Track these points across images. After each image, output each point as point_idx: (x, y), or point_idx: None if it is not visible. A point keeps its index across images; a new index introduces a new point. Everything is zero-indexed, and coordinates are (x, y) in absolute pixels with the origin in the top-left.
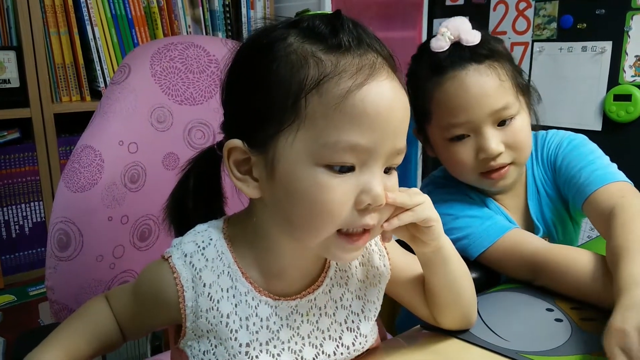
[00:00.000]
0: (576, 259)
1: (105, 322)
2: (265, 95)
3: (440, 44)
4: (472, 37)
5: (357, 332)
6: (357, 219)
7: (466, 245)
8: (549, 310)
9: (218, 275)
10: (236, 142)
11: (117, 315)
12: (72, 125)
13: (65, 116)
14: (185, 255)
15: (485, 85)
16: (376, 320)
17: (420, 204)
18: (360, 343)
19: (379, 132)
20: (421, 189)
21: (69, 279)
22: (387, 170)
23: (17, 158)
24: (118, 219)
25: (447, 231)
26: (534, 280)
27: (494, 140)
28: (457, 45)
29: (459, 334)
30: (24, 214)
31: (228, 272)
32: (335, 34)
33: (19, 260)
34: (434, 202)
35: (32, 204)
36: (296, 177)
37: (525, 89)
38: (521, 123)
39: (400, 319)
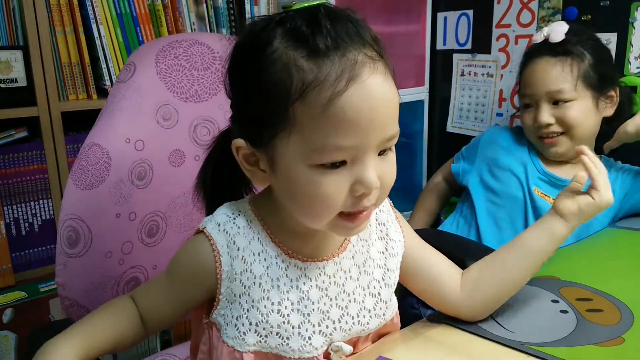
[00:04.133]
0: None
1: (127, 318)
2: (257, 102)
3: (536, 37)
4: (556, 35)
5: (378, 298)
6: (354, 203)
7: None
8: (554, 301)
9: (249, 241)
10: (240, 142)
11: (145, 307)
12: (79, 123)
13: (72, 114)
14: (219, 225)
15: (548, 72)
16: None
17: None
18: (381, 308)
19: (363, 132)
20: None
21: (78, 275)
22: (382, 152)
23: (25, 156)
24: (126, 216)
25: None
26: None
27: (545, 113)
28: (546, 41)
29: (465, 325)
30: (33, 211)
31: (258, 238)
32: (314, 37)
33: (29, 257)
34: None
35: (41, 201)
36: (293, 175)
37: (594, 85)
38: (576, 107)
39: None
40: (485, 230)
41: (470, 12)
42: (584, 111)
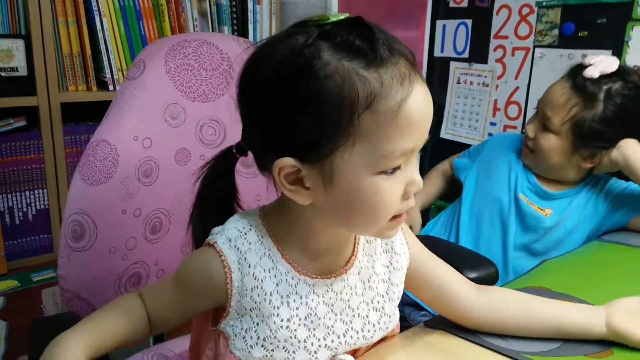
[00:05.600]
0: None
1: (136, 317)
2: (313, 117)
3: (585, 60)
4: (591, 71)
5: (382, 312)
6: (403, 205)
7: None
8: None
9: (260, 257)
10: (287, 161)
11: (152, 308)
12: (78, 114)
13: (71, 105)
14: (230, 240)
15: (555, 96)
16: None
17: None
18: (384, 322)
19: (421, 133)
20: None
21: (81, 269)
22: None
23: (22, 146)
24: (131, 212)
25: None
26: None
27: (532, 126)
28: (584, 67)
29: (462, 332)
30: (28, 201)
31: (269, 255)
32: (373, 48)
33: (22, 246)
34: None
35: (36, 191)
36: (357, 187)
37: (580, 136)
38: (551, 141)
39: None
40: (464, 227)
41: (469, 22)
42: (555, 149)
